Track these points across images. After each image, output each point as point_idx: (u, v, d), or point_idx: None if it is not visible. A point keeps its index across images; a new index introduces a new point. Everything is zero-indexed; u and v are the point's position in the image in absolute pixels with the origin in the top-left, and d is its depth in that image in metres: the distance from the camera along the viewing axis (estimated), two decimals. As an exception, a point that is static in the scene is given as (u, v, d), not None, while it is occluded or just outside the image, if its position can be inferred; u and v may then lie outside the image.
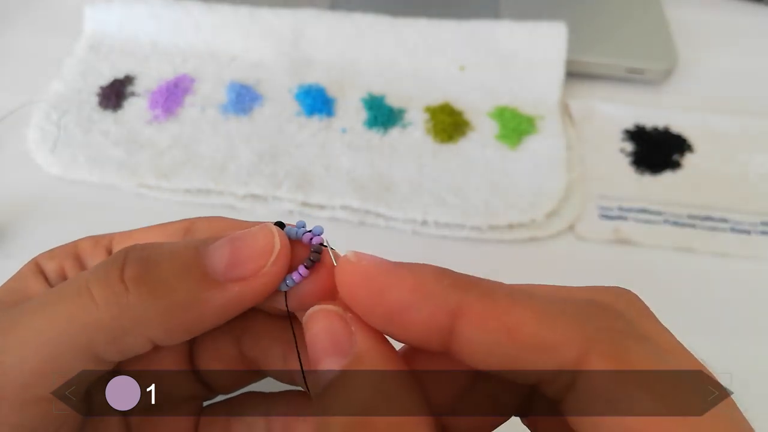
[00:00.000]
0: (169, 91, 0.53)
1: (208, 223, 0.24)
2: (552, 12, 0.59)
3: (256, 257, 0.19)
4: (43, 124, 0.51)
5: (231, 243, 0.19)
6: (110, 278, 0.19)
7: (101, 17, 0.58)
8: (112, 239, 0.25)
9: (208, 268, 0.19)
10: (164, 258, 0.19)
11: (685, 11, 0.63)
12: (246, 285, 0.19)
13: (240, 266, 0.19)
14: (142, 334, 0.19)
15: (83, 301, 0.18)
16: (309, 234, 0.21)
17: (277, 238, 0.20)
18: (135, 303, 0.18)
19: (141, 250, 0.20)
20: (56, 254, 0.24)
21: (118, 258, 0.19)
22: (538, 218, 0.47)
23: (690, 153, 0.51)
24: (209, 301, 0.19)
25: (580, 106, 0.54)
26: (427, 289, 0.18)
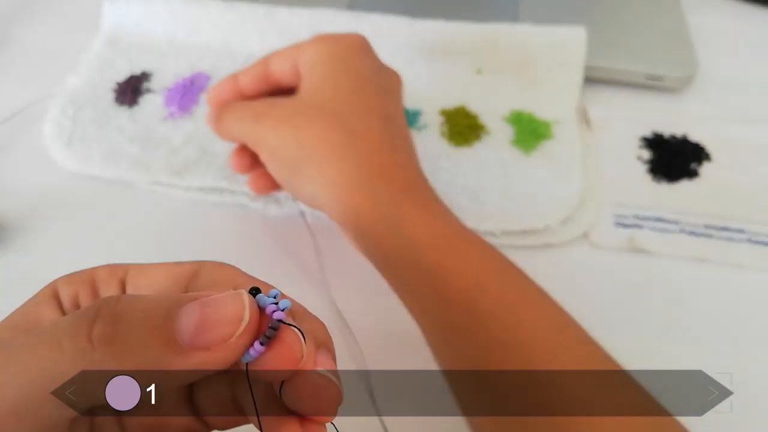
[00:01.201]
0: (185, 89, 0.53)
1: (215, 271, 0.25)
2: (572, 16, 0.59)
3: (223, 328, 0.19)
4: (59, 118, 0.52)
5: (201, 308, 0.20)
6: (79, 333, 0.19)
7: (120, 13, 0.58)
8: (127, 271, 0.26)
9: (175, 333, 0.19)
10: (134, 317, 0.19)
11: (707, 18, 0.62)
12: (209, 355, 0.19)
13: (205, 335, 0.19)
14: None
15: (54, 353, 0.19)
16: (273, 306, 0.20)
17: (248, 310, 0.20)
18: (99, 361, 0.19)
19: (114, 305, 0.20)
20: (73, 280, 0.25)
21: (89, 312, 0.20)
22: (553, 224, 0.46)
23: (708, 162, 0.51)
24: (171, 366, 0.19)
25: (597, 112, 0.54)
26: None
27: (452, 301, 0.33)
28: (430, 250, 0.34)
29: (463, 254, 0.34)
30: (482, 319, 0.32)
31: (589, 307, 0.43)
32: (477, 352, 0.31)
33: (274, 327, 0.20)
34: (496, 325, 0.32)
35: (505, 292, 0.33)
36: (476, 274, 0.34)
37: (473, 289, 0.33)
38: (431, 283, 0.33)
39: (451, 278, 0.33)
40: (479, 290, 0.33)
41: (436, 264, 0.34)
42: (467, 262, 0.34)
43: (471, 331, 0.32)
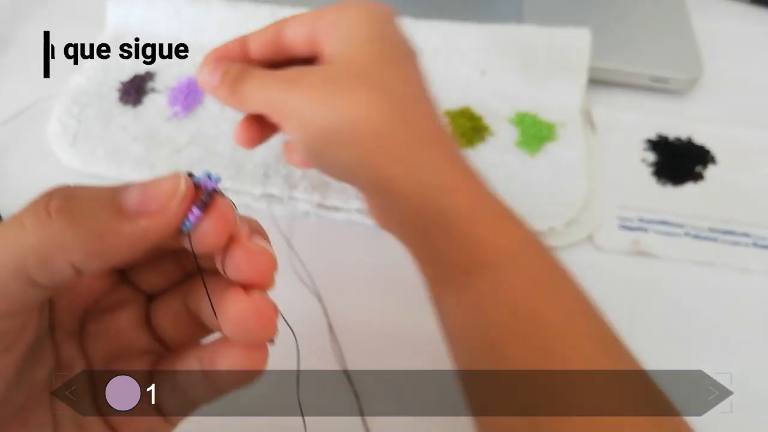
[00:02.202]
0: (189, 89, 0.53)
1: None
2: (576, 18, 0.58)
3: (163, 197, 0.22)
4: (63, 117, 0.52)
5: (143, 186, 0.22)
6: (38, 209, 0.22)
7: (124, 13, 0.58)
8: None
9: (122, 203, 0.22)
10: (85, 195, 0.22)
11: (712, 20, 0.62)
12: (152, 219, 0.22)
13: (148, 203, 0.22)
14: (65, 258, 0.21)
15: (16, 230, 0.21)
16: (206, 180, 0.23)
17: (183, 182, 0.22)
18: (57, 228, 0.21)
19: (67, 188, 0.22)
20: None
21: (46, 193, 0.22)
22: (557, 226, 0.46)
23: (713, 165, 0.51)
24: (120, 231, 0.21)
25: (602, 114, 0.54)
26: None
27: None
28: (471, 222, 0.33)
29: (504, 229, 0.34)
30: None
31: (592, 309, 0.43)
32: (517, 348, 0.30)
33: (209, 194, 0.23)
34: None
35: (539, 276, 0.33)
36: (516, 251, 0.33)
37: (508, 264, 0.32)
38: (464, 251, 0.32)
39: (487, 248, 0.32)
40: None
41: (474, 234, 0.33)
42: (506, 236, 0.33)
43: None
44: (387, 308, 0.42)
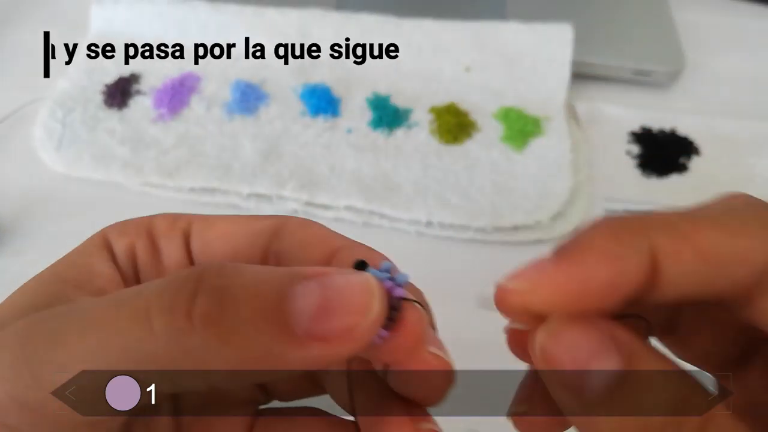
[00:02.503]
0: (174, 90, 0.53)
1: (301, 231, 0.22)
2: (558, 13, 0.59)
3: (347, 316, 0.16)
4: (48, 122, 0.51)
5: (322, 290, 0.16)
6: (176, 310, 0.16)
7: (108, 15, 0.58)
8: (191, 222, 0.23)
9: (291, 318, 0.16)
10: (243, 295, 0.16)
11: (693, 13, 0.63)
12: (328, 347, 0.16)
13: (326, 324, 0.16)
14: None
15: (141, 331, 0.16)
16: (390, 283, 0.18)
17: (377, 297, 0.17)
18: (200, 342, 0.16)
19: (217, 277, 0.17)
20: (128, 230, 0.23)
21: (188, 283, 0.16)
22: (544, 220, 0.47)
23: (697, 156, 0.51)
24: (284, 358, 0.16)
25: (586, 108, 0.54)
26: (617, 255, 0.17)
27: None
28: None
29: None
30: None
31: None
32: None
33: (396, 307, 0.18)
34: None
35: None
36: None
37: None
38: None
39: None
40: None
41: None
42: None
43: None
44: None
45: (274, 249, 0.22)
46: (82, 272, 0.21)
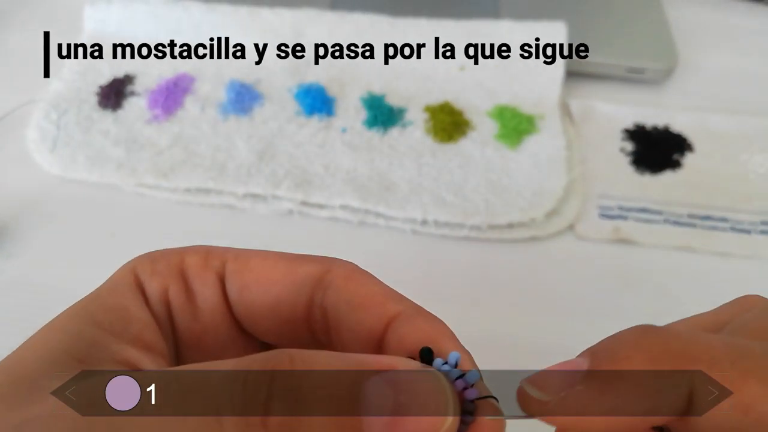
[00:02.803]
0: (168, 90, 0.53)
1: (350, 286, 0.21)
2: (552, 11, 0.59)
3: (424, 424, 0.16)
4: (42, 123, 0.51)
5: (395, 394, 0.16)
6: (250, 419, 0.15)
7: (101, 16, 0.58)
8: (225, 260, 0.22)
9: (364, 423, 0.16)
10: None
11: (686, 11, 0.63)
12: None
13: (400, 430, 0.16)
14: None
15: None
16: (461, 381, 0.17)
17: (451, 404, 0.16)
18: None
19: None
20: (160, 270, 0.22)
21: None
22: (538, 218, 0.47)
23: (690, 152, 0.51)
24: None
25: (580, 106, 0.54)
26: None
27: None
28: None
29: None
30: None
31: (576, 298, 0.44)
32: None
33: (470, 411, 0.17)
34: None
35: None
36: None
37: None
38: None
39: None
40: None
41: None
42: None
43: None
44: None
45: (319, 302, 0.22)
46: (117, 317, 0.20)
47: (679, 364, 0.16)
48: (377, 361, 0.17)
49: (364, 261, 0.46)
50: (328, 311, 0.22)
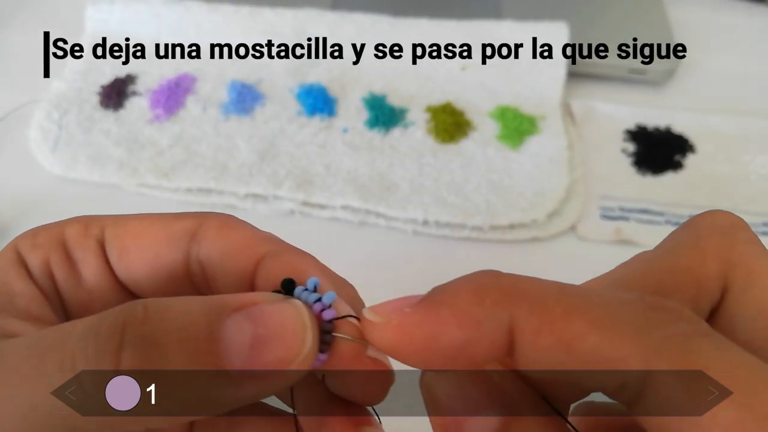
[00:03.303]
0: (170, 90, 0.53)
1: (221, 235, 0.21)
2: (553, 12, 0.59)
3: (281, 351, 0.16)
4: (44, 123, 0.51)
5: (253, 326, 0.16)
6: (101, 362, 0.15)
7: (103, 17, 0.58)
8: (104, 227, 0.22)
9: (224, 360, 0.16)
10: (170, 339, 0.16)
11: (687, 12, 0.63)
12: (265, 383, 0.16)
13: (260, 360, 0.16)
14: (136, 425, 0.16)
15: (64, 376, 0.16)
16: (319, 304, 0.18)
17: (309, 328, 0.17)
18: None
19: (142, 323, 0.16)
20: (40, 242, 0.22)
21: (114, 334, 0.16)
22: (540, 218, 0.47)
23: (692, 153, 0.51)
24: (220, 399, 0.16)
25: (581, 107, 0.54)
26: (475, 316, 0.16)
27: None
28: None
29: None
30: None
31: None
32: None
33: (329, 330, 0.18)
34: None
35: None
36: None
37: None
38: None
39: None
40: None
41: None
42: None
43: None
44: (372, 304, 0.43)
45: (195, 255, 0.22)
46: (2, 293, 0.20)
47: (502, 300, 0.16)
48: (237, 299, 0.17)
49: (365, 261, 0.46)
50: (204, 263, 0.22)
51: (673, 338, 0.15)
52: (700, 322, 0.16)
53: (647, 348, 0.15)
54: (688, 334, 0.15)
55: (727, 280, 0.19)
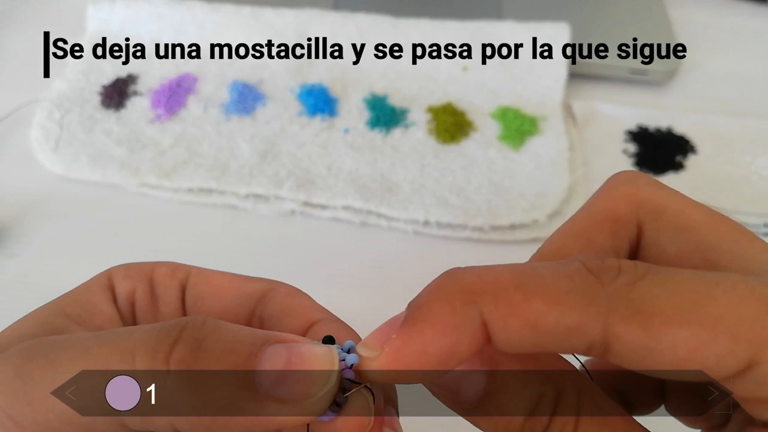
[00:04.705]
0: (171, 90, 0.53)
1: (288, 299, 0.24)
2: (555, 13, 0.59)
3: (307, 383, 0.18)
4: (45, 123, 0.51)
5: (288, 355, 0.18)
6: (157, 351, 0.18)
7: (104, 16, 0.58)
8: (189, 274, 0.25)
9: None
10: (217, 348, 0.18)
11: (689, 12, 0.63)
12: (283, 408, 0.18)
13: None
14: (168, 420, 0.18)
15: (124, 366, 0.18)
16: (343, 363, 0.19)
17: (335, 371, 0.19)
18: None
19: (199, 329, 0.19)
20: (131, 275, 0.25)
21: (173, 330, 0.19)
22: (541, 219, 0.47)
23: (693, 154, 0.51)
24: (242, 411, 0.18)
25: (583, 107, 0.54)
26: (450, 326, 0.18)
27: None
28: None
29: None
30: None
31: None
32: None
33: (346, 390, 0.19)
34: None
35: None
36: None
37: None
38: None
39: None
40: None
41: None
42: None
43: None
44: (374, 305, 0.42)
45: (259, 313, 0.25)
46: (85, 309, 0.23)
47: (469, 300, 0.18)
48: (282, 334, 0.19)
49: (366, 261, 0.46)
50: (265, 321, 0.25)
51: (617, 293, 0.17)
52: (636, 266, 0.18)
53: (599, 309, 0.17)
54: (629, 284, 0.17)
55: (639, 216, 0.22)
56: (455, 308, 0.18)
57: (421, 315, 0.18)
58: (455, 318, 0.18)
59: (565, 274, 0.18)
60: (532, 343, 0.18)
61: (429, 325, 0.18)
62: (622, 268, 0.18)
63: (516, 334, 0.17)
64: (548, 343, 0.18)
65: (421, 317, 0.18)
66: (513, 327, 0.17)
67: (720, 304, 0.16)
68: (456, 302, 0.18)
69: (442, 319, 0.18)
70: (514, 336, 0.17)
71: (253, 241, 0.47)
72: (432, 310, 0.18)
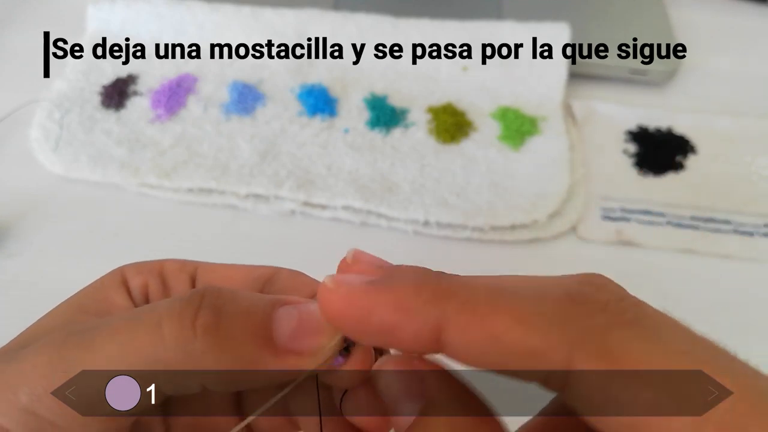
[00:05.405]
0: (171, 90, 0.53)
1: (291, 279, 0.26)
2: (555, 12, 0.59)
3: (318, 336, 0.20)
4: (45, 123, 0.51)
5: (299, 314, 0.21)
6: (183, 320, 0.20)
7: (104, 16, 0.58)
8: (197, 268, 0.27)
9: (273, 334, 0.20)
10: (237, 311, 0.20)
11: (689, 12, 0.63)
12: (299, 360, 0.20)
13: (301, 340, 0.20)
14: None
15: (154, 337, 0.20)
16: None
17: (341, 332, 0.20)
18: (200, 349, 0.19)
19: (217, 297, 0.21)
20: (143, 270, 0.26)
21: (194, 300, 0.20)
22: (541, 219, 0.47)
23: (693, 154, 0.51)
24: (265, 365, 0.20)
25: (583, 107, 0.54)
26: (407, 306, 0.18)
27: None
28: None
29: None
30: None
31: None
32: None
33: (350, 344, 0.21)
34: None
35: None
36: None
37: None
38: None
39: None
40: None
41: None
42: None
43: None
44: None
45: (267, 292, 0.26)
46: (102, 304, 0.25)
47: (435, 300, 0.18)
48: (291, 298, 0.22)
49: (366, 262, 0.46)
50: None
51: (591, 330, 0.16)
52: (625, 311, 0.17)
53: (566, 340, 0.16)
54: (608, 325, 0.17)
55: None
56: (419, 297, 0.18)
57: (389, 283, 0.19)
58: (413, 303, 0.18)
59: (543, 296, 0.18)
60: (489, 359, 0.17)
61: (388, 294, 0.18)
62: (609, 307, 0.17)
63: (474, 344, 0.17)
64: (506, 362, 0.17)
65: (387, 285, 0.19)
66: (472, 335, 0.17)
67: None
68: (423, 293, 0.18)
69: (402, 298, 0.18)
70: (471, 345, 0.17)
71: (253, 241, 0.47)
72: (399, 286, 0.19)
